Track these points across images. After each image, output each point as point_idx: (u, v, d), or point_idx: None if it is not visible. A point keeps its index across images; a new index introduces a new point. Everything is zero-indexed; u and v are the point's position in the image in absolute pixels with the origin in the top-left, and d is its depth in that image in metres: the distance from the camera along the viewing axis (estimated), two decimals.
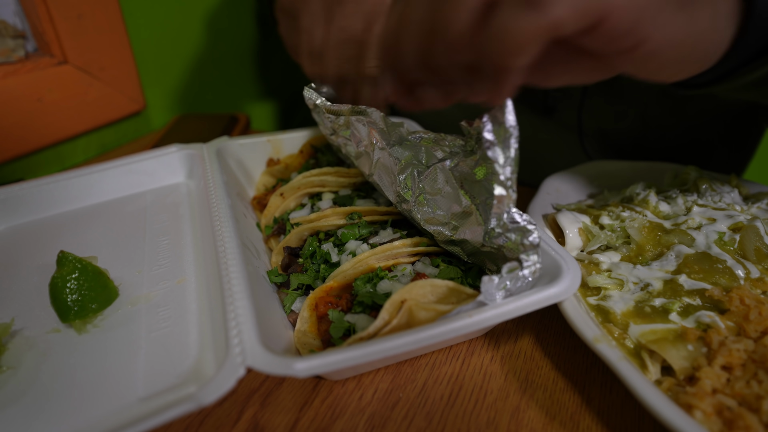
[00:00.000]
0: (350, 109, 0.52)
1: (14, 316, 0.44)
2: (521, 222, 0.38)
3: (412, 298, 0.38)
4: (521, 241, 0.38)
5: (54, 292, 0.43)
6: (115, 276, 0.48)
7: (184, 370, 0.39)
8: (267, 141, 0.67)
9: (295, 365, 0.33)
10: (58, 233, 0.56)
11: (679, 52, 0.33)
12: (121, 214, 0.59)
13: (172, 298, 0.46)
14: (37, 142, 0.81)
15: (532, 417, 0.39)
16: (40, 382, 0.38)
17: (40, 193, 0.59)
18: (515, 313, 0.37)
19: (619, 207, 0.54)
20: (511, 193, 0.37)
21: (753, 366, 0.37)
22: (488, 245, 0.41)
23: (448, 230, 0.44)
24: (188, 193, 0.62)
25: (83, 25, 0.83)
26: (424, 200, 0.45)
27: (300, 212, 0.55)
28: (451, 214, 0.44)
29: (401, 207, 0.48)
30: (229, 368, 0.34)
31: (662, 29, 0.31)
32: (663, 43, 0.32)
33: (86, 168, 0.61)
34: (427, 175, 0.45)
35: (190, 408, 0.32)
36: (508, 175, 0.37)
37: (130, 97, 0.94)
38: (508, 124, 0.36)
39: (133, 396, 0.37)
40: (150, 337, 0.42)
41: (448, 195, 0.44)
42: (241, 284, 0.41)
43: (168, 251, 0.52)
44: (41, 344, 0.42)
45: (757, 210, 0.53)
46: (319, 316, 0.43)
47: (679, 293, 0.43)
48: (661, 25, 0.31)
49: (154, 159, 0.63)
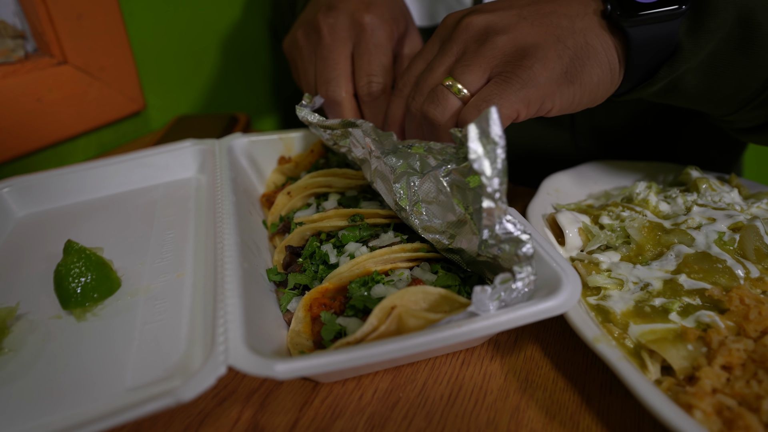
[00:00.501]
0: (341, 122, 0.52)
1: (20, 300, 0.46)
2: (515, 232, 0.37)
3: (402, 305, 0.37)
4: (515, 252, 0.37)
5: (58, 279, 0.44)
6: (118, 266, 0.49)
7: (172, 363, 0.39)
8: (279, 139, 0.67)
9: (275, 367, 0.33)
10: (72, 222, 0.58)
11: (579, 101, 0.47)
12: (132, 205, 0.60)
13: (170, 292, 0.46)
14: (37, 142, 0.81)
15: (532, 417, 0.39)
16: (37, 367, 0.40)
17: (60, 183, 0.61)
18: (507, 325, 0.36)
19: (619, 207, 0.54)
20: (500, 205, 0.36)
21: (753, 366, 0.37)
22: (484, 255, 0.40)
23: (445, 239, 0.44)
24: (198, 188, 0.63)
25: (83, 25, 0.83)
26: (421, 208, 0.45)
27: (305, 212, 0.55)
28: (447, 222, 0.43)
29: (400, 215, 0.48)
30: (210, 366, 0.34)
31: (560, 99, 0.46)
32: (564, 105, 0.47)
33: (104, 160, 0.63)
34: (421, 183, 0.44)
35: (169, 403, 0.32)
36: (496, 187, 0.35)
37: (130, 97, 0.94)
38: (494, 134, 0.35)
39: (121, 386, 0.37)
40: (144, 329, 0.43)
41: (442, 203, 0.43)
42: (234, 282, 0.41)
43: (172, 245, 0.53)
44: (43, 329, 0.43)
45: (757, 210, 0.53)
46: (313, 317, 0.43)
47: (678, 293, 0.43)
48: (558, 97, 0.45)
49: (169, 153, 0.65)
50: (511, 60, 0.45)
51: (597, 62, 0.45)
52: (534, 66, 0.44)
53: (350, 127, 0.52)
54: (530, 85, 0.44)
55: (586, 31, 0.45)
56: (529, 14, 0.46)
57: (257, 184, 0.66)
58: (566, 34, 0.45)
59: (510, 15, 0.46)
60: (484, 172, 0.35)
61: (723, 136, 0.79)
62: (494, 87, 0.45)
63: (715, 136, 0.78)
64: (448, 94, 0.46)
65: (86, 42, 0.84)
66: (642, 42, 0.45)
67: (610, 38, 0.45)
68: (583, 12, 0.46)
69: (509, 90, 0.44)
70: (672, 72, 0.46)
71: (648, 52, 0.45)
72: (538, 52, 0.44)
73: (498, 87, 0.45)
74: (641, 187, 0.57)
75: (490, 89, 0.45)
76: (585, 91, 0.46)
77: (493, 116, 0.35)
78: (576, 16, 0.46)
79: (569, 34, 0.45)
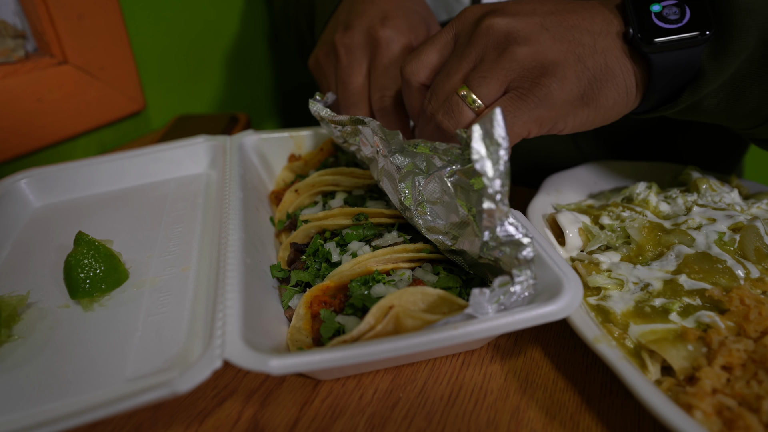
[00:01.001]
0: (350, 119, 0.52)
1: (30, 289, 0.47)
2: (516, 235, 0.36)
3: (400, 305, 0.37)
4: (515, 255, 0.36)
5: (67, 269, 0.46)
6: (126, 258, 0.50)
7: (171, 355, 0.40)
8: (290, 137, 0.68)
9: (269, 362, 0.34)
10: (85, 213, 0.60)
11: (592, 122, 0.47)
12: (144, 199, 0.62)
13: (174, 285, 0.47)
14: (37, 142, 0.81)
15: (532, 417, 0.39)
16: (43, 354, 0.41)
17: (76, 175, 0.63)
18: (506, 329, 0.36)
19: (619, 207, 0.54)
20: (501, 207, 0.36)
21: (753, 366, 0.37)
22: (485, 257, 0.40)
23: (448, 240, 0.44)
24: (208, 184, 0.64)
25: (83, 25, 0.83)
26: (425, 208, 0.45)
27: (312, 209, 0.56)
28: (450, 223, 0.43)
29: (405, 214, 0.48)
30: (207, 359, 0.35)
31: (573, 120, 0.46)
32: (575, 126, 0.47)
33: (119, 153, 0.65)
34: (426, 183, 0.44)
35: (164, 394, 0.33)
36: (497, 188, 0.35)
37: (130, 97, 0.94)
38: (497, 134, 0.35)
39: (122, 376, 0.38)
40: (147, 321, 0.44)
41: (446, 204, 0.43)
42: (235, 277, 0.42)
43: (179, 239, 0.54)
44: (51, 317, 0.45)
45: (757, 210, 0.53)
46: (313, 314, 0.43)
47: (679, 293, 0.43)
48: (571, 119, 0.46)
49: (181, 148, 0.66)
50: (529, 75, 0.44)
51: (614, 85, 0.45)
52: (551, 86, 0.43)
53: (359, 124, 0.52)
54: (545, 105, 0.43)
55: (607, 53, 0.44)
56: (551, 25, 0.45)
57: (267, 181, 0.66)
58: (587, 54, 0.44)
59: (532, 23, 0.45)
60: (486, 173, 0.35)
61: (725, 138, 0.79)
62: (509, 103, 0.44)
63: (717, 138, 0.78)
64: (462, 106, 0.46)
65: (86, 42, 0.84)
66: (664, 68, 0.44)
67: (629, 62, 0.44)
68: (606, 31, 0.45)
69: (523, 108, 0.44)
70: (694, 95, 0.45)
71: (669, 77, 0.45)
72: (558, 71, 0.43)
73: (512, 103, 0.44)
74: (641, 188, 0.57)
75: (504, 105, 0.44)
76: (599, 113, 0.46)
77: (497, 118, 0.35)
78: (599, 34, 0.45)
79: (590, 54, 0.44)
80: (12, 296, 0.45)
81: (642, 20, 0.43)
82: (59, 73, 0.82)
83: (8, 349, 0.42)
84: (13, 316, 0.44)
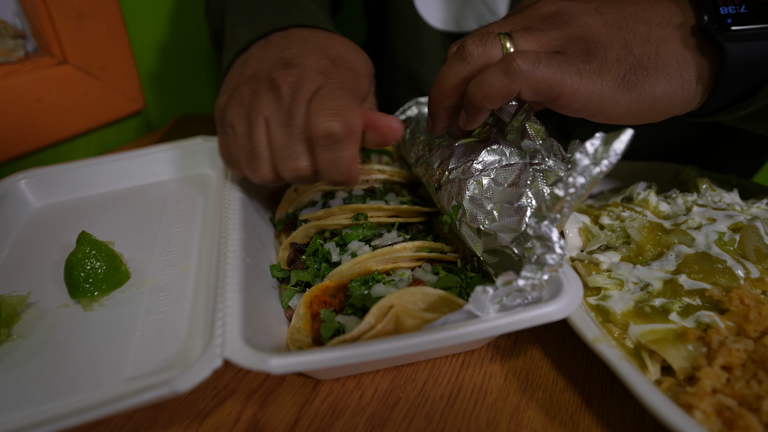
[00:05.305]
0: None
1: (31, 290, 0.47)
2: (553, 238, 0.36)
3: (400, 305, 0.37)
4: (539, 253, 0.36)
5: (68, 268, 0.46)
6: (127, 258, 0.50)
7: (171, 355, 0.40)
8: None
9: (270, 361, 0.34)
10: (86, 214, 0.60)
11: (636, 113, 0.42)
12: (145, 199, 0.62)
13: (174, 285, 0.48)
14: (37, 142, 0.81)
15: (532, 417, 0.39)
16: (43, 354, 0.41)
17: (76, 175, 0.63)
18: (506, 329, 0.36)
19: (619, 207, 0.54)
20: (568, 203, 0.35)
21: (753, 366, 0.37)
22: (512, 246, 0.40)
23: (487, 219, 0.43)
24: (208, 184, 0.64)
25: (83, 25, 0.83)
26: (484, 183, 0.45)
27: (311, 209, 0.56)
28: (500, 206, 0.43)
29: (451, 174, 0.47)
30: (207, 358, 0.35)
31: (610, 107, 0.42)
32: (613, 114, 0.42)
33: (119, 154, 0.65)
34: (507, 166, 0.45)
35: (165, 393, 0.33)
36: (578, 185, 0.35)
37: (130, 97, 0.94)
38: (614, 148, 0.35)
39: (121, 375, 0.38)
40: (147, 320, 0.44)
41: (509, 193, 0.43)
42: (235, 276, 0.42)
43: (179, 239, 0.54)
44: (51, 317, 0.45)
45: (757, 210, 0.53)
46: (313, 314, 0.43)
47: (679, 293, 0.43)
48: (609, 104, 0.41)
49: (181, 149, 0.66)
50: (571, 47, 0.42)
51: (665, 75, 0.41)
52: (591, 62, 0.41)
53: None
54: (583, 76, 0.41)
55: (660, 43, 0.42)
56: (606, 10, 0.43)
57: None
58: (636, 41, 0.42)
59: (587, 8, 0.43)
60: (580, 168, 0.35)
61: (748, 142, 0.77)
62: (544, 56, 0.41)
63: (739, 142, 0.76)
64: (495, 43, 0.43)
65: (86, 42, 0.84)
66: (738, 59, 0.41)
67: (690, 54, 0.42)
68: (666, 22, 0.42)
69: (555, 64, 0.40)
70: None
71: (744, 71, 0.41)
72: (599, 52, 0.41)
73: (547, 57, 0.41)
74: (641, 187, 0.57)
75: (540, 57, 0.41)
76: (644, 102, 0.42)
77: (624, 138, 0.35)
78: (657, 24, 0.42)
79: (640, 42, 0.42)
80: (12, 296, 0.46)
81: (716, 10, 0.41)
82: (59, 73, 0.82)
83: (8, 348, 0.42)
84: (12, 316, 0.44)
